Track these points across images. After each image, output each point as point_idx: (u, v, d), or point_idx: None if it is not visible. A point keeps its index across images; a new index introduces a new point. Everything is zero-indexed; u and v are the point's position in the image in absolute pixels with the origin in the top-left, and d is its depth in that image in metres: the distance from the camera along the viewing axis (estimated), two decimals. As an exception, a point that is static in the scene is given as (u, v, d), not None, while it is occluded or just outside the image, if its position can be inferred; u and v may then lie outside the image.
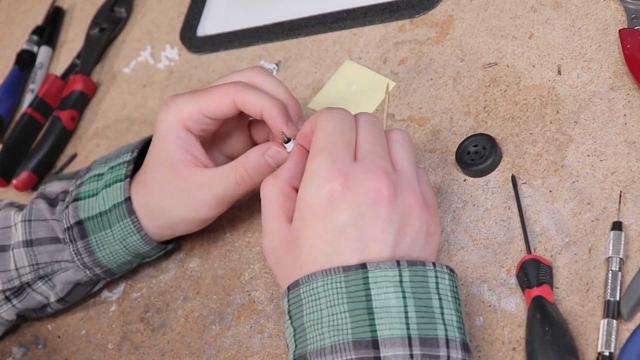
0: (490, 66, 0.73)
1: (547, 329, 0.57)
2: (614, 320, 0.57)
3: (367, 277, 0.55)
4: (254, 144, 0.74)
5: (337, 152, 0.58)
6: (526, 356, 0.57)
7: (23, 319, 0.80)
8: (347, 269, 0.55)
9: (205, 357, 0.71)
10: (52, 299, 0.76)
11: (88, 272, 0.74)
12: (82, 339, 0.78)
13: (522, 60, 0.72)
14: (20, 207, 0.77)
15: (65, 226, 0.72)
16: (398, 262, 0.56)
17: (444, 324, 0.55)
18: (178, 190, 0.69)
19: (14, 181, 0.93)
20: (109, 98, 0.97)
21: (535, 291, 0.59)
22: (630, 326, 0.57)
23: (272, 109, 0.66)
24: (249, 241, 0.75)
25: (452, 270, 0.57)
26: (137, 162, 0.74)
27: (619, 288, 0.58)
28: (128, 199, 0.71)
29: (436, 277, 0.56)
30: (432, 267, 0.56)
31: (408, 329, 0.54)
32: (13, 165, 0.95)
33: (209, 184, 0.68)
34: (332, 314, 0.55)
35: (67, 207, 0.73)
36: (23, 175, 0.93)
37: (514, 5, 0.75)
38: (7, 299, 0.75)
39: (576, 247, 0.61)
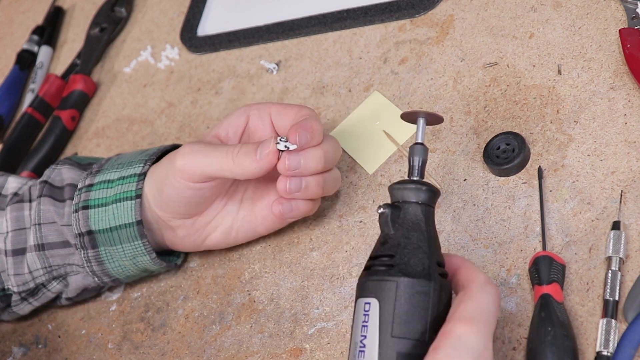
0: (491, 66, 0.73)
1: (549, 329, 0.57)
2: (613, 320, 0.57)
3: None
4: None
5: (488, 334, 0.52)
6: (526, 354, 0.57)
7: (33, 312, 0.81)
8: None
9: (206, 357, 0.71)
10: (63, 296, 0.77)
11: (97, 279, 0.75)
12: (83, 338, 0.78)
13: (522, 60, 0.72)
14: (18, 196, 0.76)
15: (76, 232, 0.72)
16: None
17: None
18: (189, 147, 0.68)
19: (14, 181, 0.93)
20: (109, 98, 0.97)
21: (544, 289, 0.59)
22: (631, 326, 0.57)
23: (306, 109, 0.67)
24: (249, 241, 0.75)
25: None
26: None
27: (618, 288, 0.58)
28: (139, 222, 0.70)
29: None
30: None
31: None
32: (13, 165, 0.95)
33: (212, 147, 0.67)
34: None
35: (76, 211, 0.72)
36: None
37: (514, 5, 0.75)
38: (24, 299, 0.76)
39: (576, 247, 0.61)
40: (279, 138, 0.65)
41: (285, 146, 0.65)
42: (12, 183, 0.78)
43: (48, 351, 0.79)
